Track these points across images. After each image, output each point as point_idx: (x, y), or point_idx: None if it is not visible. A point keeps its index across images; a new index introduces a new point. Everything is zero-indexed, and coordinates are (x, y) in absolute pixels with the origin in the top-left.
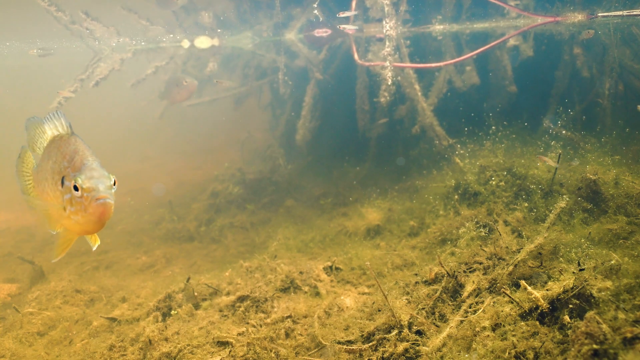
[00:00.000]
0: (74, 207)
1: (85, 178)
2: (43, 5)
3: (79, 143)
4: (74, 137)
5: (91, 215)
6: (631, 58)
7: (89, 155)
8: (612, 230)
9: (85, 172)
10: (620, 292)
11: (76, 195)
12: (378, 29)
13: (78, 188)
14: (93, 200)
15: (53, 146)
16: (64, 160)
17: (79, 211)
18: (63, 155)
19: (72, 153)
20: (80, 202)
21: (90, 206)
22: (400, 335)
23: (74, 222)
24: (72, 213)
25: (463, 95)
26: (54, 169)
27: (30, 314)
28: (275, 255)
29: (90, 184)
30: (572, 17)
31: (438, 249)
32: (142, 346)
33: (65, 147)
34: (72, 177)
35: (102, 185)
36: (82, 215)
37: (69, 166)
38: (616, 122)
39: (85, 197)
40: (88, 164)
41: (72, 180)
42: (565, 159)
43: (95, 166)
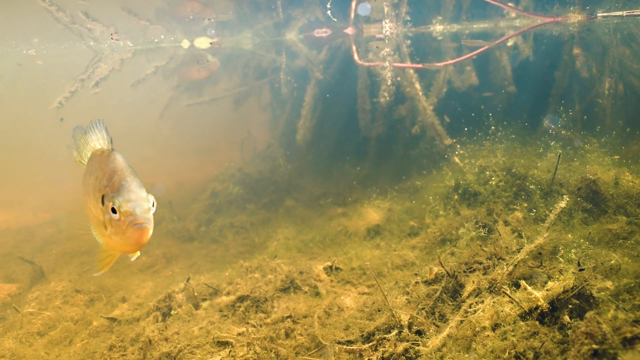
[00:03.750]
0: (113, 228)
1: (123, 201)
2: (43, 5)
3: (118, 160)
4: (113, 153)
5: (129, 239)
6: (631, 58)
7: (128, 175)
8: (612, 230)
9: (123, 195)
10: (620, 292)
11: (114, 217)
12: (378, 29)
13: (116, 210)
14: (130, 225)
15: (94, 161)
16: (103, 178)
17: (117, 233)
18: (103, 172)
19: (111, 171)
20: (119, 224)
21: (128, 230)
22: (400, 335)
23: (113, 242)
24: (112, 233)
25: (463, 95)
26: (95, 186)
27: (30, 314)
28: (275, 255)
29: (128, 207)
30: (572, 17)
31: (438, 249)
32: (142, 346)
33: (105, 164)
34: (111, 198)
35: (139, 209)
36: (121, 237)
37: (107, 185)
38: (616, 122)
39: (122, 221)
40: (126, 185)
41: (110, 202)
42: (566, 159)
43: (134, 187)
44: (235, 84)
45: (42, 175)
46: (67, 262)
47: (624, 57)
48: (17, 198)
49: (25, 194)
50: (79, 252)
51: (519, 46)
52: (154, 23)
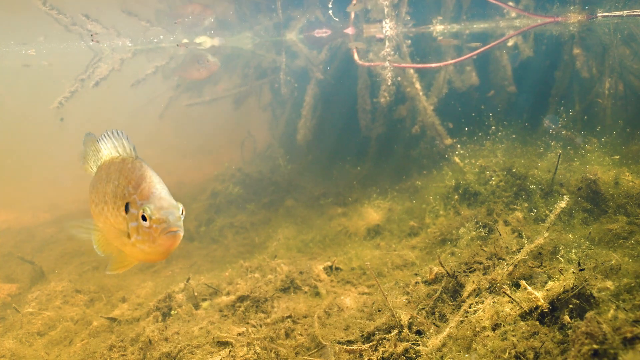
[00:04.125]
0: (140, 236)
1: (155, 208)
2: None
3: (145, 168)
4: (139, 161)
5: (159, 247)
6: (631, 58)
7: (157, 183)
8: (612, 230)
9: (154, 202)
10: (620, 292)
11: (144, 225)
12: (378, 29)
13: (147, 218)
14: (163, 232)
15: (114, 168)
16: (128, 186)
17: (146, 241)
18: (127, 180)
19: (138, 179)
20: (149, 232)
21: (160, 238)
22: (400, 335)
23: (138, 250)
24: (138, 242)
25: (463, 95)
26: (115, 194)
27: (30, 314)
28: (275, 255)
29: (160, 215)
30: (572, 17)
31: (438, 249)
32: (142, 346)
33: (129, 172)
34: (139, 206)
35: (172, 216)
36: (149, 245)
37: (134, 193)
38: (616, 122)
39: (154, 228)
40: (157, 192)
41: (139, 209)
42: (566, 159)
43: (164, 195)
44: (235, 84)
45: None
46: (67, 262)
47: (624, 57)
48: (17, 198)
49: (25, 194)
50: (79, 252)
51: (519, 46)
52: (154, 24)
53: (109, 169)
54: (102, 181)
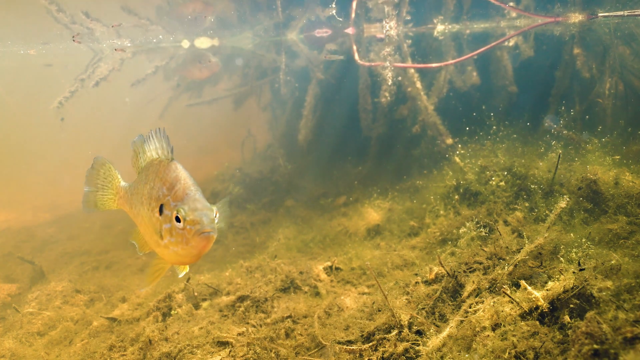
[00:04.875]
0: (174, 237)
1: (189, 210)
2: (44, 3)
3: (180, 170)
4: (174, 163)
5: (192, 249)
6: (631, 58)
7: (191, 185)
8: (613, 230)
9: (188, 203)
10: (620, 292)
11: (178, 226)
12: (379, 29)
13: (180, 219)
14: (197, 234)
15: (151, 170)
16: (163, 187)
17: (179, 243)
18: (162, 181)
19: (172, 181)
20: (182, 233)
21: (193, 239)
22: (400, 335)
23: (171, 252)
24: (171, 243)
25: (463, 95)
26: (151, 195)
27: (30, 314)
28: (275, 255)
29: (195, 216)
30: (573, 17)
31: (438, 249)
32: (142, 346)
33: (164, 174)
34: (173, 207)
35: (206, 218)
36: (182, 247)
37: (168, 194)
38: (617, 122)
39: (188, 230)
40: (191, 194)
41: (173, 210)
42: (566, 159)
43: (199, 197)
44: (235, 84)
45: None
46: (67, 262)
47: (625, 57)
48: (17, 198)
49: (25, 194)
50: (79, 252)
51: (519, 46)
52: (154, 23)
53: (147, 171)
54: (141, 183)
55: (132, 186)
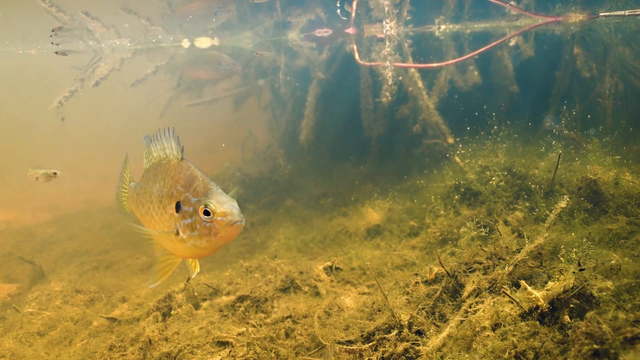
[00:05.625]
0: (197, 231)
1: (217, 203)
2: (43, 5)
3: (194, 168)
4: (185, 162)
5: (221, 239)
6: (632, 58)
7: (210, 181)
8: (613, 230)
9: (214, 197)
10: (620, 292)
11: (205, 219)
12: (379, 29)
13: (210, 212)
14: (229, 225)
15: (159, 170)
16: (176, 185)
17: (204, 235)
18: (174, 180)
19: (188, 178)
20: (210, 226)
21: (224, 230)
22: (400, 335)
23: (189, 246)
24: (191, 237)
25: (464, 95)
26: (161, 194)
27: (30, 314)
28: (275, 255)
29: (225, 208)
30: (574, 17)
31: (438, 249)
32: (142, 346)
33: (177, 172)
34: (195, 202)
35: (236, 209)
36: (208, 239)
37: (186, 191)
38: (617, 122)
39: (218, 222)
40: (214, 189)
41: (197, 205)
42: (567, 159)
43: (221, 191)
44: (235, 84)
45: None
46: (67, 262)
47: (625, 56)
48: (17, 198)
49: (25, 194)
50: (79, 252)
51: (520, 46)
52: (154, 23)
53: (155, 171)
54: (149, 182)
55: (138, 186)
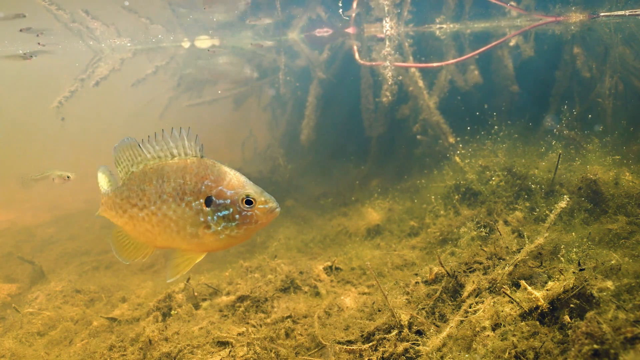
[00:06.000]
0: (236, 221)
1: (256, 193)
2: (43, 4)
3: (219, 164)
4: (208, 159)
5: (260, 226)
6: (632, 58)
7: (240, 174)
8: (613, 230)
9: (252, 188)
10: (620, 292)
11: (246, 208)
12: (379, 29)
13: (252, 201)
14: (269, 211)
15: (169, 169)
16: (204, 181)
17: (242, 224)
18: (201, 176)
19: (218, 173)
20: (251, 214)
21: (265, 216)
22: (400, 335)
23: (225, 237)
24: (228, 228)
25: (464, 94)
26: (182, 191)
27: (30, 314)
28: (275, 255)
29: (265, 197)
30: (574, 17)
31: (438, 249)
32: (142, 346)
33: (202, 169)
34: (232, 195)
35: (273, 198)
36: (247, 228)
37: (217, 185)
38: (617, 122)
39: (260, 209)
40: (247, 181)
41: (236, 197)
42: (567, 159)
43: (253, 183)
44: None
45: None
46: (67, 262)
47: (625, 56)
48: (17, 198)
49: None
50: (79, 252)
51: (520, 46)
52: (153, 22)
53: (160, 171)
54: (150, 184)
55: (123, 190)
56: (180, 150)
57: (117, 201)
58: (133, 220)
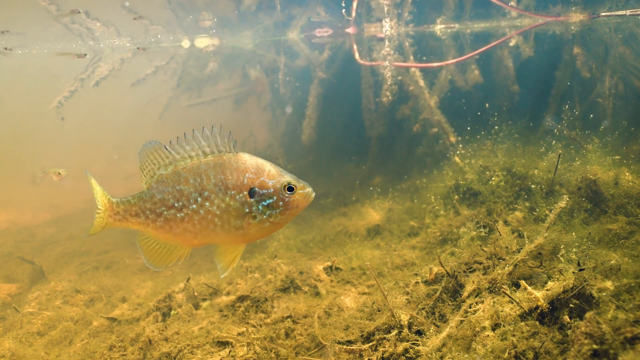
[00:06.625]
0: (279, 208)
1: (294, 180)
2: (43, 4)
3: (255, 157)
4: (243, 153)
5: (299, 210)
6: (632, 58)
7: (275, 165)
8: (612, 230)
9: (289, 177)
10: (620, 292)
11: (288, 195)
12: (379, 29)
13: (293, 188)
14: (308, 196)
15: (207, 167)
16: (245, 174)
17: (285, 210)
18: (241, 170)
19: (257, 165)
20: (292, 200)
21: (304, 201)
22: (400, 335)
23: (270, 224)
24: (273, 215)
25: (464, 94)
26: (225, 186)
27: (30, 314)
28: (275, 255)
29: (302, 183)
30: (574, 16)
31: (438, 249)
32: (142, 346)
33: (241, 163)
34: (274, 184)
35: (307, 183)
36: (289, 213)
37: (259, 177)
38: (617, 122)
39: (300, 194)
40: (283, 170)
41: (278, 186)
42: (566, 159)
43: (287, 172)
44: (235, 84)
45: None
46: (67, 262)
47: (625, 56)
48: (17, 198)
49: (25, 194)
50: (79, 252)
51: (520, 46)
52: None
53: (196, 170)
54: (187, 182)
55: (154, 192)
56: (213, 148)
57: (148, 206)
58: (169, 222)
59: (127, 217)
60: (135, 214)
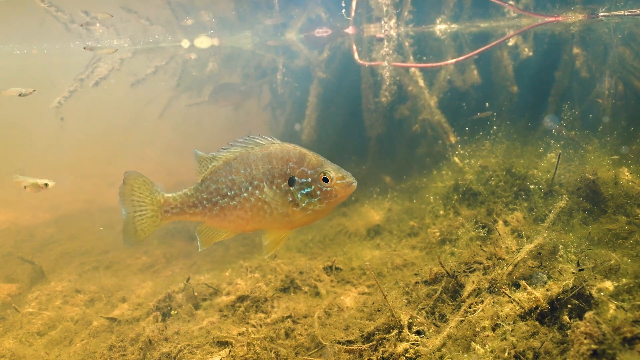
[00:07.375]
0: (317, 197)
1: (332, 170)
2: (42, 5)
3: (299, 147)
4: (286, 143)
5: (340, 199)
6: (632, 58)
7: (316, 154)
8: (612, 230)
9: (330, 167)
10: (619, 292)
11: (325, 185)
12: (378, 29)
13: (329, 179)
14: (347, 185)
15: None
16: (288, 163)
17: (324, 199)
18: (285, 159)
19: (299, 155)
20: (330, 190)
21: (344, 190)
22: (400, 335)
23: (311, 212)
24: (312, 204)
25: (463, 95)
26: (272, 174)
27: (30, 314)
28: (275, 255)
29: (342, 173)
30: (573, 16)
31: (438, 249)
32: (142, 346)
33: (285, 153)
34: (313, 173)
35: (349, 173)
36: (328, 202)
37: (299, 166)
38: (616, 122)
39: (338, 184)
40: (324, 160)
41: (315, 175)
42: (566, 159)
43: (330, 162)
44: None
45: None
46: (67, 262)
47: (625, 56)
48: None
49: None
50: (79, 252)
51: (519, 46)
52: (153, 22)
53: (246, 160)
54: (238, 172)
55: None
56: (263, 140)
57: (205, 196)
58: (224, 211)
59: (184, 209)
60: (193, 204)
